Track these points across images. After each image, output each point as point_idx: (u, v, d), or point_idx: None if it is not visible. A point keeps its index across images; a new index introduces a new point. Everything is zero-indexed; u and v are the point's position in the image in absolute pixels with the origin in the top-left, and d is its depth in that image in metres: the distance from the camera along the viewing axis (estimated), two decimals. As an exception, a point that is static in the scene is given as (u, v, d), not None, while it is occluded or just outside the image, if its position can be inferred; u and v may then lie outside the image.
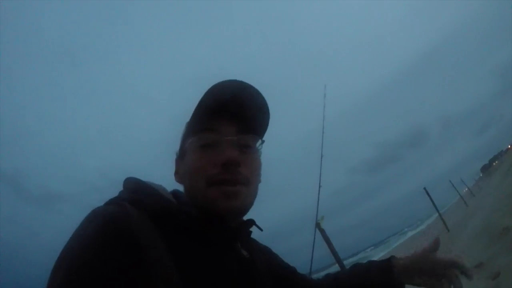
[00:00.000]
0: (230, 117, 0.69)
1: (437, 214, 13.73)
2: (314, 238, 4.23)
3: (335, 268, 4.26)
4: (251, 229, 0.78)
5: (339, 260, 4.10)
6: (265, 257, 0.84)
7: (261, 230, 0.79)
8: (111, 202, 0.62)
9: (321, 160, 4.32)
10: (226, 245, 0.68)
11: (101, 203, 0.63)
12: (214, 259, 0.62)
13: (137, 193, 0.64)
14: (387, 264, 0.90)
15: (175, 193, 0.73)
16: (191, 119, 0.71)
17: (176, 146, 0.79)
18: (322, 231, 4.27)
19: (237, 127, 0.70)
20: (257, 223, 0.77)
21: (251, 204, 0.71)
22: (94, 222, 0.54)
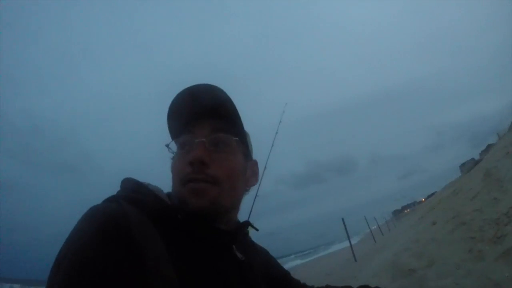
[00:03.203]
0: (203, 118, 0.73)
1: (344, 242, 14.67)
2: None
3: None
4: (247, 230, 0.83)
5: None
6: (261, 259, 0.87)
7: (257, 230, 0.84)
8: (109, 200, 0.64)
9: (264, 172, 4.42)
10: (221, 247, 0.71)
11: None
12: (210, 260, 0.65)
13: (135, 192, 0.66)
14: None
15: (170, 195, 0.75)
16: (168, 123, 0.75)
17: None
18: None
19: (211, 128, 0.73)
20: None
21: (227, 204, 0.72)
22: (93, 219, 0.55)
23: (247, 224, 0.81)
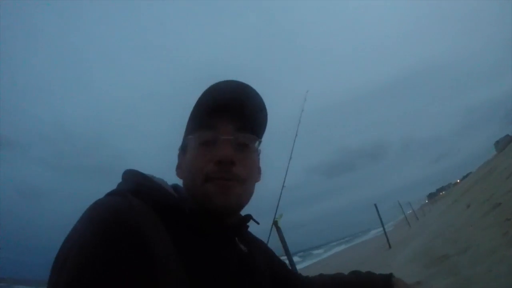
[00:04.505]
0: (228, 115, 0.70)
1: (380, 229, 14.42)
2: (270, 234, 4.26)
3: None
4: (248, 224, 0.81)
5: (291, 260, 4.16)
6: (262, 251, 0.87)
7: (258, 223, 0.82)
8: (113, 193, 0.61)
9: (289, 162, 4.30)
10: (225, 240, 0.70)
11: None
12: (215, 253, 0.64)
13: (140, 185, 0.64)
14: (389, 280, 0.95)
15: (175, 187, 0.75)
16: (191, 116, 0.73)
17: (180, 142, 0.79)
18: (278, 229, 4.30)
19: (235, 126, 0.70)
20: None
21: (246, 202, 0.73)
22: (97, 214, 0.53)
23: (249, 217, 0.80)
